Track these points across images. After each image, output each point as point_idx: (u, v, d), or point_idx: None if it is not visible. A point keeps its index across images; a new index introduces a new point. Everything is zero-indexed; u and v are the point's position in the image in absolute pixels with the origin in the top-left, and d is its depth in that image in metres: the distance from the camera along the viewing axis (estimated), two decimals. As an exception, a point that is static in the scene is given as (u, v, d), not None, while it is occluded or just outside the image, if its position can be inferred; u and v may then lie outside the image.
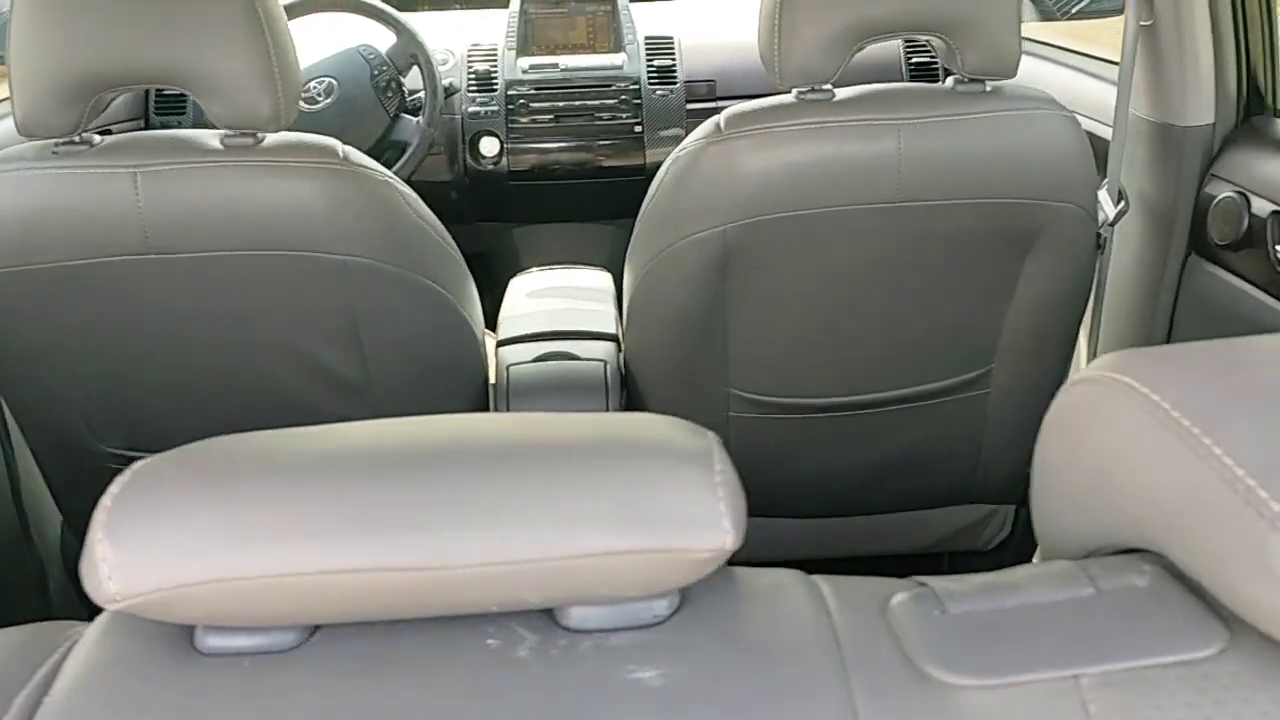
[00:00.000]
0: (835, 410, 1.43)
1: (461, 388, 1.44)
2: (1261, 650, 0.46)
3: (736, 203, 1.24)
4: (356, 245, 1.21)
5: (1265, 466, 0.42)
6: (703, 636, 0.52)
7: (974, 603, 0.51)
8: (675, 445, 0.53)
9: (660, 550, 0.50)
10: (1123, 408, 0.49)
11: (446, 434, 0.55)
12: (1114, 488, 0.49)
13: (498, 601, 0.50)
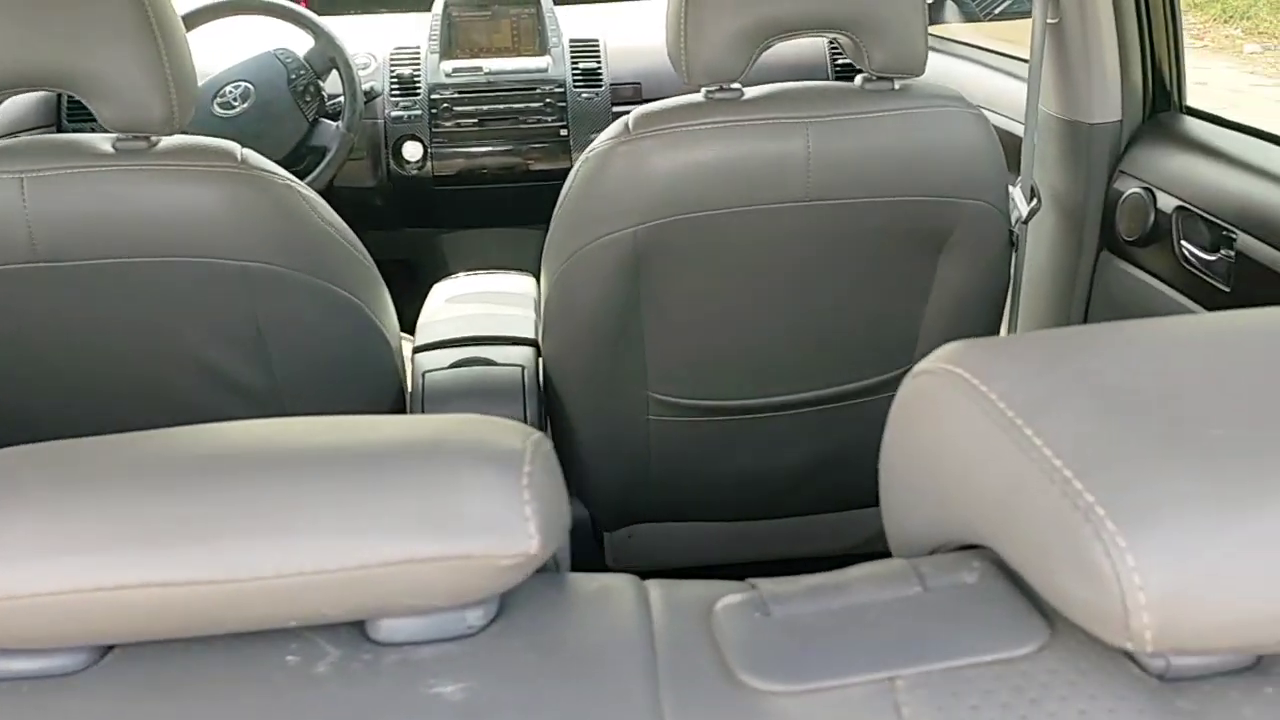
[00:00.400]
0: (756, 412, 1.43)
1: (375, 396, 1.41)
2: (1080, 647, 0.46)
3: (646, 203, 1.23)
4: (257, 251, 1.19)
5: (1083, 457, 0.42)
6: (516, 646, 0.51)
7: (799, 605, 0.50)
8: (484, 447, 0.51)
9: (462, 557, 0.48)
10: (955, 400, 0.48)
11: (243, 439, 0.52)
12: (948, 482, 0.49)
13: (296, 616, 0.48)
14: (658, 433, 1.44)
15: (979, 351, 0.50)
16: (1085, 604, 0.41)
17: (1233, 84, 5.37)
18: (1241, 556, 0.39)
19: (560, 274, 1.33)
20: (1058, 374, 0.46)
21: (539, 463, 0.51)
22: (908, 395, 0.52)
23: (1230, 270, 1.24)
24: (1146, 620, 0.40)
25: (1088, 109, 1.44)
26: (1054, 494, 0.41)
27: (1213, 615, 0.39)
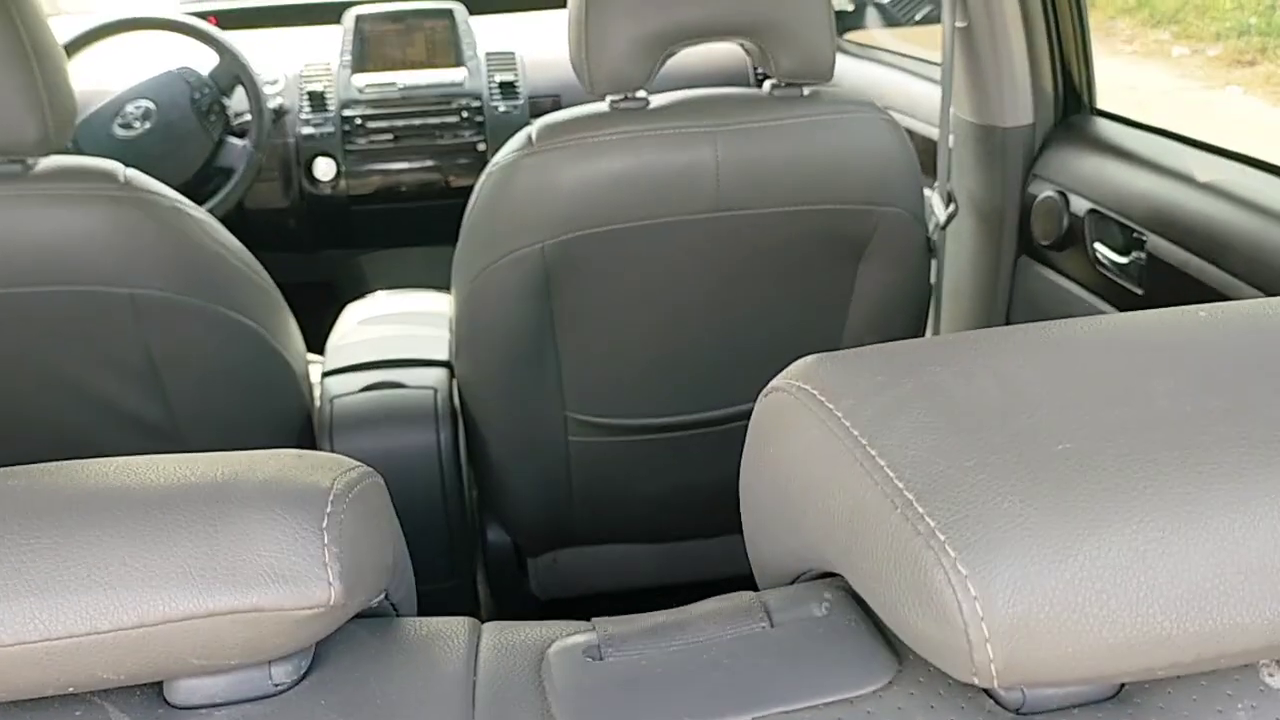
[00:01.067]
0: (677, 429, 1.39)
1: (280, 424, 1.36)
2: (930, 680, 0.42)
3: (553, 218, 1.19)
4: (144, 276, 1.13)
5: (924, 478, 0.38)
6: (323, 704, 0.46)
7: (636, 647, 0.47)
8: (280, 487, 0.46)
9: (252, 610, 0.43)
10: (803, 418, 0.45)
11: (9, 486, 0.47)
12: (800, 506, 0.45)
13: (72, 683, 0.43)
14: (578, 454, 1.40)
15: (829, 366, 0.46)
16: (929, 637, 0.38)
17: (1162, 87, 5.45)
18: (1088, 582, 0.36)
19: (469, 293, 1.29)
20: (904, 388, 0.43)
21: (349, 503, 0.46)
22: (761, 414, 0.49)
23: (1142, 272, 1.22)
24: (992, 653, 0.37)
25: (1000, 113, 1.42)
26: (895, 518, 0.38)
27: (1061, 646, 0.36)
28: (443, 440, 1.39)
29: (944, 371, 0.43)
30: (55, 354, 1.16)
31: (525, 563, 1.57)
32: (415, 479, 1.40)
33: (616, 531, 1.53)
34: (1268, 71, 4.80)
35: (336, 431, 1.38)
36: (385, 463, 1.39)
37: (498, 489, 1.47)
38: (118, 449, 1.25)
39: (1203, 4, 6.77)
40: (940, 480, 0.37)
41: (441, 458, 1.39)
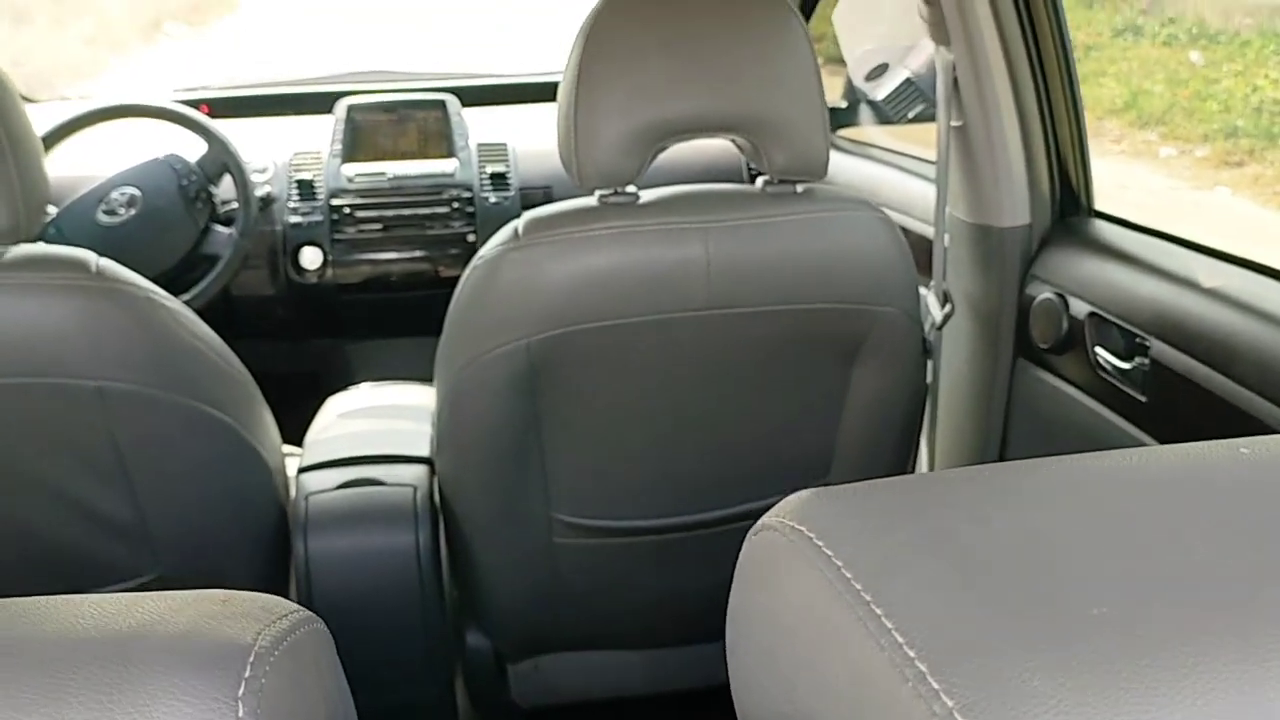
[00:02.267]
0: (667, 531, 1.34)
1: (253, 524, 1.31)
2: None
3: (539, 313, 1.16)
4: (113, 369, 1.09)
5: (939, 646, 0.33)
6: None
7: None
8: (195, 645, 0.39)
9: None
10: (798, 564, 0.39)
11: None
12: (793, 667, 0.39)
13: None
14: (563, 556, 1.35)
15: (826, 504, 0.41)
16: None
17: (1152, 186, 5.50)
18: None
19: (451, 387, 1.25)
20: (912, 532, 0.38)
21: (273, 663, 0.41)
22: (749, 555, 0.43)
23: (1146, 378, 1.19)
24: None
25: (997, 213, 1.40)
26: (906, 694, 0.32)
27: None
28: (421, 541, 1.34)
29: (956, 513, 0.38)
30: (20, 449, 1.11)
31: (506, 669, 1.50)
32: (392, 581, 1.34)
33: (602, 636, 1.47)
34: (1255, 172, 4.85)
35: (311, 530, 1.33)
36: (361, 564, 1.34)
37: (478, 591, 1.42)
38: (84, 550, 1.19)
39: (1190, 106, 6.89)
40: (958, 649, 0.32)
41: (420, 559, 1.33)
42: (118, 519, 1.18)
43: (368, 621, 1.35)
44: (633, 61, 1.14)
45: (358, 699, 0.50)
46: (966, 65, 1.35)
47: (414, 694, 1.42)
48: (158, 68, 7.30)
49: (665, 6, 1.16)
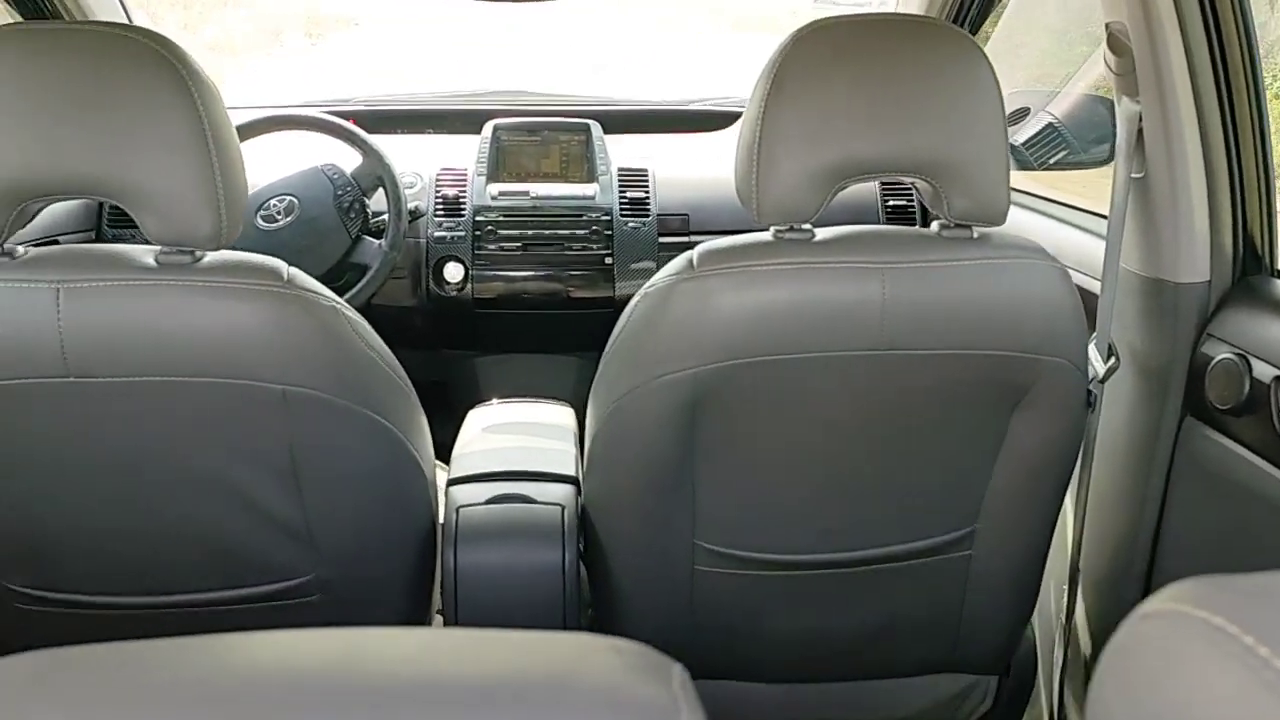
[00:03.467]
0: (809, 568, 1.33)
1: (407, 530, 1.32)
2: None
3: (709, 344, 1.16)
4: (298, 374, 1.12)
5: None
6: None
7: None
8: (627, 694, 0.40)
9: None
10: (1203, 654, 0.36)
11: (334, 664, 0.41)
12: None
13: None
14: (703, 584, 1.34)
15: (1230, 591, 0.38)
16: None
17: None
18: None
19: (611, 412, 1.26)
20: None
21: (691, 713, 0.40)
22: (1128, 643, 0.40)
23: None
24: None
25: (1173, 267, 1.37)
26: None
27: None
28: (568, 559, 1.35)
29: None
30: (200, 446, 1.14)
31: None
32: (537, 597, 1.35)
33: (735, 668, 1.46)
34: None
35: (462, 542, 1.34)
36: (508, 578, 1.35)
37: (614, 612, 1.42)
38: (251, 547, 1.22)
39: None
40: None
41: (565, 577, 1.34)
42: (284, 518, 1.21)
43: None
44: (819, 98, 1.14)
45: None
46: (1155, 116, 1.32)
47: None
48: (275, 77, 7.51)
49: (854, 44, 1.16)
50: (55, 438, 1.12)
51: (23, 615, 1.25)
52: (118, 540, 1.21)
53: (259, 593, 1.26)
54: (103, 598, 1.25)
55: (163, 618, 1.27)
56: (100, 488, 1.16)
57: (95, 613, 1.25)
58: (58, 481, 1.15)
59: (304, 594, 1.27)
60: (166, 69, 1.06)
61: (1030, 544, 1.34)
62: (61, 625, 1.26)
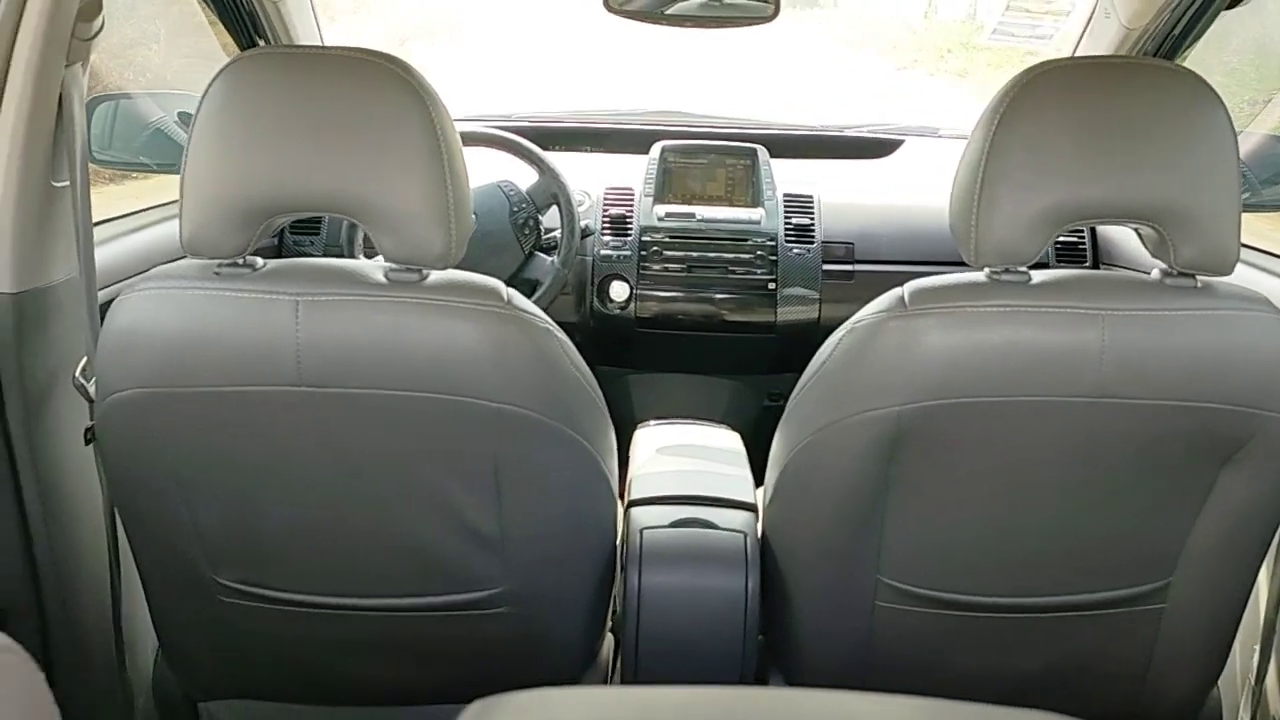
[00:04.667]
0: (994, 610, 1.32)
1: (592, 548, 1.35)
2: None
3: (916, 383, 1.16)
4: (513, 393, 1.15)
5: None
6: None
7: None
8: None
9: None
10: None
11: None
12: None
13: None
14: (883, 620, 1.34)
15: None
16: None
17: None
18: None
19: (805, 445, 1.26)
20: None
21: None
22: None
23: None
24: None
25: None
26: None
27: None
28: (750, 586, 1.36)
29: None
30: (415, 457, 1.18)
31: None
32: (717, 622, 1.36)
33: None
34: None
35: (646, 563, 1.36)
36: (691, 601, 1.37)
37: (787, 640, 1.42)
38: (452, 559, 1.26)
39: None
40: None
41: (748, 603, 1.35)
42: (482, 530, 1.24)
43: (687, 655, 1.38)
44: (1048, 140, 1.13)
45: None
46: None
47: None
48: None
49: (1085, 85, 1.15)
50: (282, 443, 1.17)
51: (225, 607, 1.31)
52: (326, 543, 1.26)
53: (451, 601, 1.30)
54: (303, 596, 1.30)
55: (355, 619, 1.31)
56: (318, 493, 1.21)
57: (293, 610, 1.31)
58: (280, 485, 1.20)
59: (492, 605, 1.31)
60: (409, 93, 1.10)
61: (1227, 601, 1.31)
62: (260, 619, 1.32)
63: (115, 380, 1.14)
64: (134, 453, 1.19)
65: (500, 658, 1.38)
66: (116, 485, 1.25)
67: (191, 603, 1.32)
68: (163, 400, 1.14)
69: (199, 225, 1.11)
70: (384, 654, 1.36)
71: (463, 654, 1.37)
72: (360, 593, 1.30)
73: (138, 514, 1.26)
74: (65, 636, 1.38)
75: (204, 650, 1.38)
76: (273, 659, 1.38)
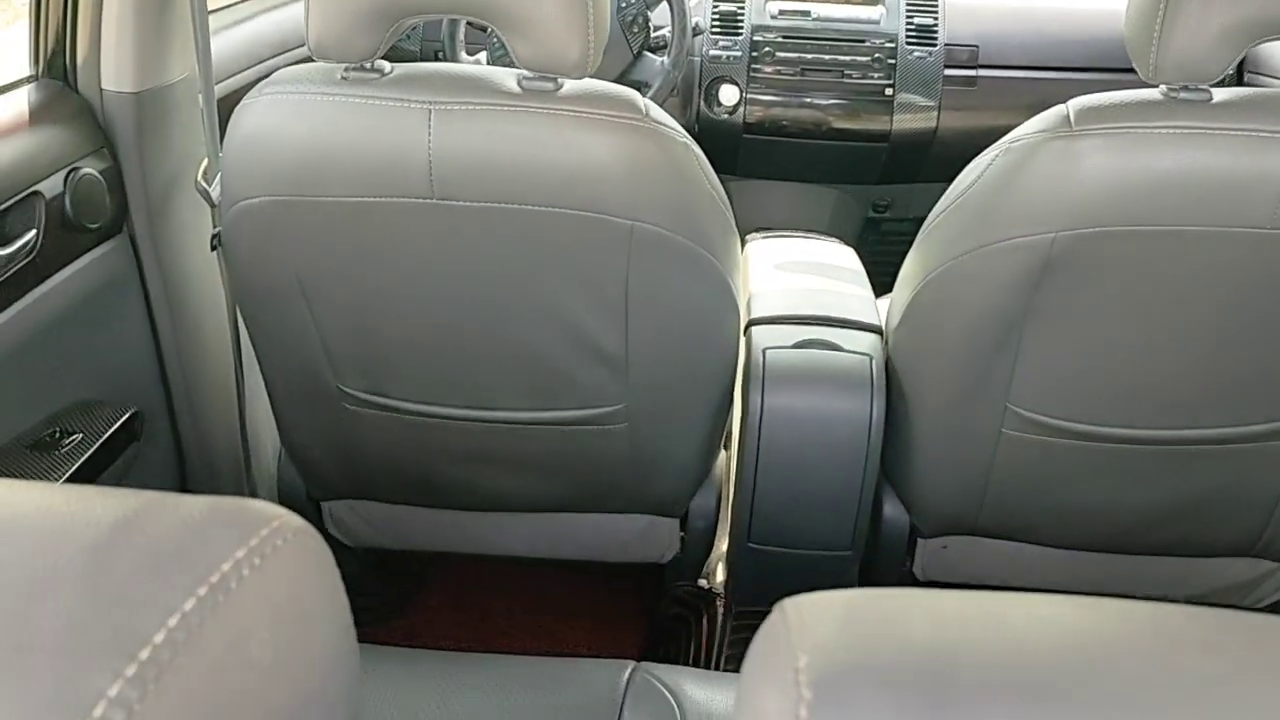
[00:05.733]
0: (1123, 442, 1.29)
1: (714, 366, 1.33)
2: None
3: (1075, 210, 1.09)
4: (647, 211, 1.11)
5: None
6: None
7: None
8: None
9: None
10: None
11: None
12: None
13: None
14: (1006, 448, 1.32)
15: None
16: None
17: None
18: None
19: (945, 270, 1.21)
20: None
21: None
22: None
23: None
24: None
25: None
26: None
27: None
28: (875, 411, 1.34)
29: None
30: (543, 273, 1.16)
31: (916, 544, 1.51)
32: (839, 445, 1.35)
33: (1019, 530, 1.45)
34: None
35: (769, 384, 1.34)
36: (813, 424, 1.36)
37: (906, 465, 1.41)
38: (573, 375, 1.25)
39: None
40: None
41: (871, 428, 1.33)
42: (606, 348, 1.22)
43: (806, 476, 1.37)
44: None
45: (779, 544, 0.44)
46: None
47: (830, 555, 1.45)
48: None
49: None
50: (409, 256, 1.14)
51: (347, 414, 1.32)
52: (449, 356, 1.25)
53: (570, 416, 1.30)
54: (425, 406, 1.30)
55: (475, 431, 1.32)
56: (445, 307, 1.19)
57: (414, 419, 1.31)
58: (405, 297, 1.19)
59: (612, 421, 1.30)
60: None
61: None
62: (381, 427, 1.33)
63: (241, 188, 1.12)
64: (259, 261, 1.17)
65: (616, 472, 1.39)
66: (241, 292, 1.24)
67: (314, 409, 1.33)
68: (289, 208, 1.11)
69: (327, 26, 1.06)
70: (500, 465, 1.38)
71: (578, 467, 1.38)
72: (480, 405, 1.30)
73: (262, 321, 1.26)
74: (195, 436, 1.41)
75: (325, 454, 1.41)
76: (392, 466, 1.40)
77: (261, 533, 0.35)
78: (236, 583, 0.33)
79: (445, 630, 1.70)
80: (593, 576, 1.82)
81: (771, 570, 1.49)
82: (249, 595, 0.33)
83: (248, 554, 0.34)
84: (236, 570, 0.33)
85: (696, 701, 1.07)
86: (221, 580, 0.33)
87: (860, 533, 1.44)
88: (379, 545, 1.60)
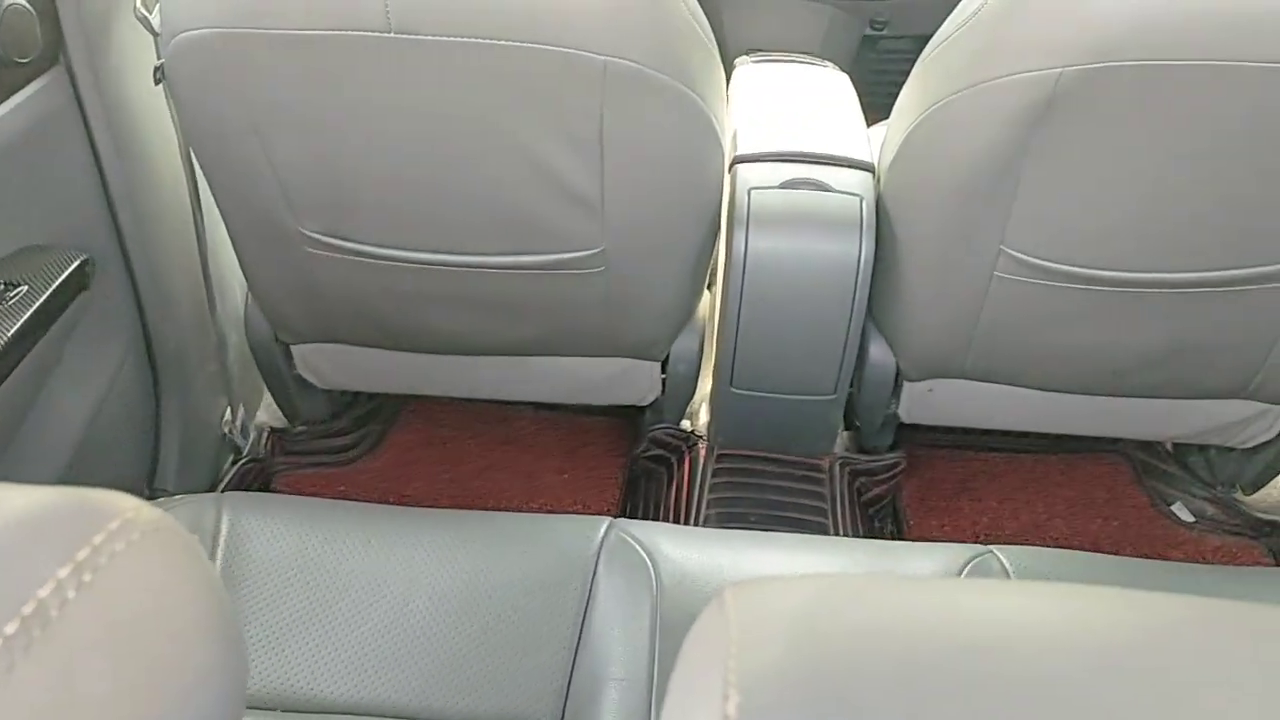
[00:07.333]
0: (1121, 285, 1.24)
1: (697, 207, 1.27)
2: None
3: (1085, 43, 1.01)
4: (622, 46, 1.03)
5: None
6: None
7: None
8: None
9: None
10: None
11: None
12: None
13: None
14: (999, 291, 1.27)
15: None
16: None
17: None
18: None
19: (943, 104, 1.13)
20: None
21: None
22: None
23: None
24: None
25: None
26: None
27: None
28: (864, 253, 1.28)
29: None
30: (512, 112, 1.08)
31: (901, 387, 1.48)
32: (827, 288, 1.30)
33: (1004, 371, 1.42)
34: None
35: (754, 225, 1.28)
36: (799, 266, 1.30)
37: (894, 308, 1.37)
38: (546, 218, 1.19)
39: None
40: None
41: (859, 270, 1.28)
42: (581, 191, 1.16)
43: (790, 320, 1.33)
44: None
45: (762, 389, 0.41)
46: None
47: (816, 399, 1.43)
48: None
49: None
50: (370, 93, 1.07)
51: (309, 257, 1.26)
52: (415, 198, 1.18)
53: (545, 260, 1.24)
54: (390, 250, 1.24)
55: (442, 274, 1.27)
56: (407, 146, 1.12)
57: (380, 263, 1.26)
58: (364, 137, 1.11)
59: (589, 265, 1.25)
60: None
61: None
62: (346, 270, 1.28)
63: (183, 17, 1.03)
64: (206, 97, 1.09)
65: (591, 317, 1.34)
66: (191, 131, 1.16)
67: (276, 252, 1.27)
68: (236, 41, 1.03)
69: None
70: (470, 308, 1.33)
71: (552, 310, 1.33)
72: (447, 249, 1.24)
73: (215, 161, 1.18)
74: (152, 281, 1.35)
75: (289, 298, 1.36)
76: (357, 310, 1.35)
77: (95, 540, 0.29)
78: (58, 609, 0.27)
79: (418, 471, 1.69)
80: (573, 417, 1.80)
81: (755, 414, 1.46)
82: (76, 621, 0.27)
83: (74, 570, 0.28)
84: (59, 593, 0.27)
85: (671, 559, 1.06)
86: (38, 610, 0.26)
87: (845, 376, 1.40)
88: (349, 388, 1.57)
